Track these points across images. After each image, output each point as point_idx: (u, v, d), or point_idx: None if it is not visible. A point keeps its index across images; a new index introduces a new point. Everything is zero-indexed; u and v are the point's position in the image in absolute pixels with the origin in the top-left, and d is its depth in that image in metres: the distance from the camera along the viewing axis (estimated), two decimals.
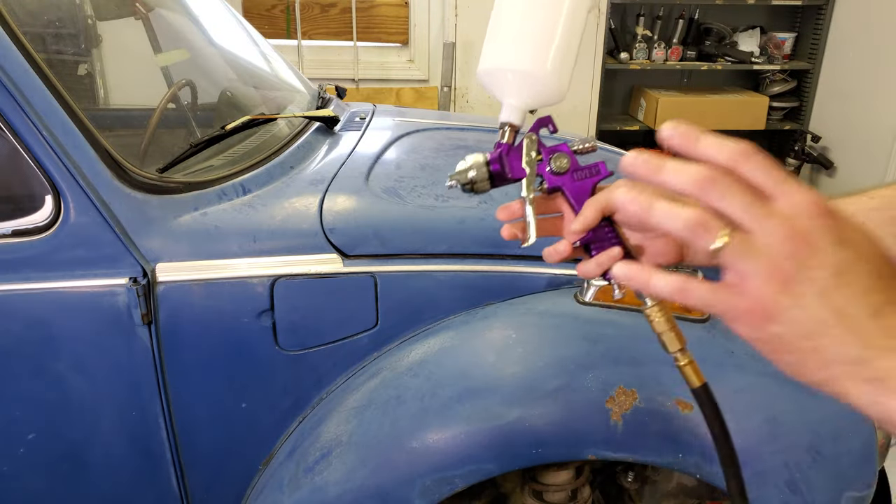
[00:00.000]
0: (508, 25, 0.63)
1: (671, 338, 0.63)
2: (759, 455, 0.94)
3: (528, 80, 0.62)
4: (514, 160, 0.65)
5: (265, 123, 1.28)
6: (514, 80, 0.63)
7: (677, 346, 0.63)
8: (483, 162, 0.65)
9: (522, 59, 0.62)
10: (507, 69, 0.62)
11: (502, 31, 0.63)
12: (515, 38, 0.62)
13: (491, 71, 0.63)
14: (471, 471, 0.91)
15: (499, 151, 0.65)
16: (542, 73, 0.62)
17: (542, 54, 0.61)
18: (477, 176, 0.65)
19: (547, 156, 0.64)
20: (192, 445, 1.06)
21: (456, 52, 3.12)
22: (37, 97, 0.91)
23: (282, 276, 1.00)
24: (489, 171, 0.65)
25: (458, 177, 0.66)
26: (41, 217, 0.94)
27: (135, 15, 1.52)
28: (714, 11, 3.42)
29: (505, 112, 0.65)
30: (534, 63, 0.61)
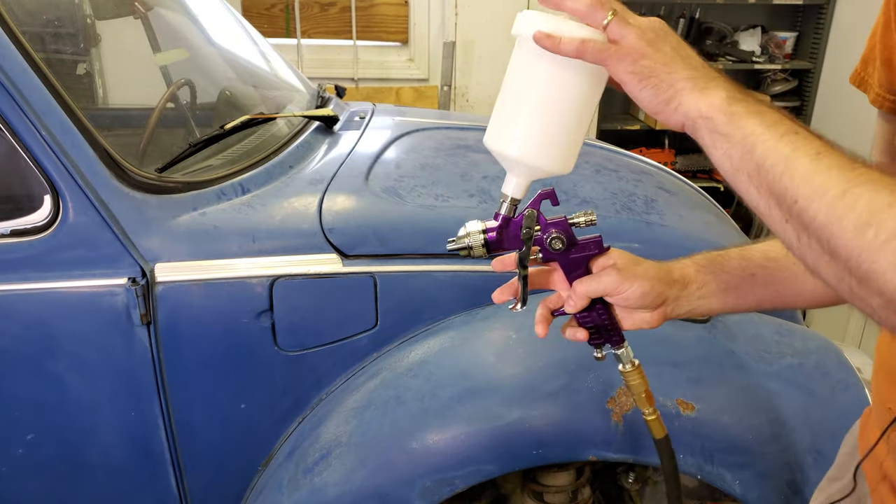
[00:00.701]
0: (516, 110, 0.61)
1: (643, 399, 0.73)
2: (761, 455, 0.93)
3: (532, 168, 0.63)
4: (512, 231, 0.67)
5: (264, 123, 1.27)
6: (519, 164, 0.63)
7: (647, 406, 0.74)
8: (480, 231, 0.67)
9: (529, 153, 0.61)
10: (511, 158, 0.62)
11: (510, 114, 0.61)
12: (514, 125, 0.61)
13: (497, 151, 0.63)
14: (471, 472, 0.91)
15: (498, 225, 0.67)
16: (544, 163, 0.61)
17: (549, 149, 0.60)
18: (473, 244, 0.68)
19: (545, 230, 0.67)
20: (191, 446, 1.05)
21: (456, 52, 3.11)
22: (35, 96, 0.90)
23: (281, 277, 0.99)
24: (486, 240, 0.67)
25: (455, 243, 0.69)
26: (40, 217, 0.94)
27: (134, 14, 1.51)
28: (715, 11, 3.42)
29: (507, 185, 0.66)
30: (540, 159, 0.61)
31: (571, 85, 0.59)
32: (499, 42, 3.06)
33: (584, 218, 0.67)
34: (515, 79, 0.61)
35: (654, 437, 0.75)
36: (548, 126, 0.60)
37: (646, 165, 1.53)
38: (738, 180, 0.51)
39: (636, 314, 0.69)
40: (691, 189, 1.51)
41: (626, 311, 0.69)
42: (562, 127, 0.60)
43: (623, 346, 0.71)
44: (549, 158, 0.61)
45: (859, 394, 0.98)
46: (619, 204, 1.22)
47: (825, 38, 3.30)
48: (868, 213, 0.42)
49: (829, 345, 1.05)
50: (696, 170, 3.52)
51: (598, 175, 1.34)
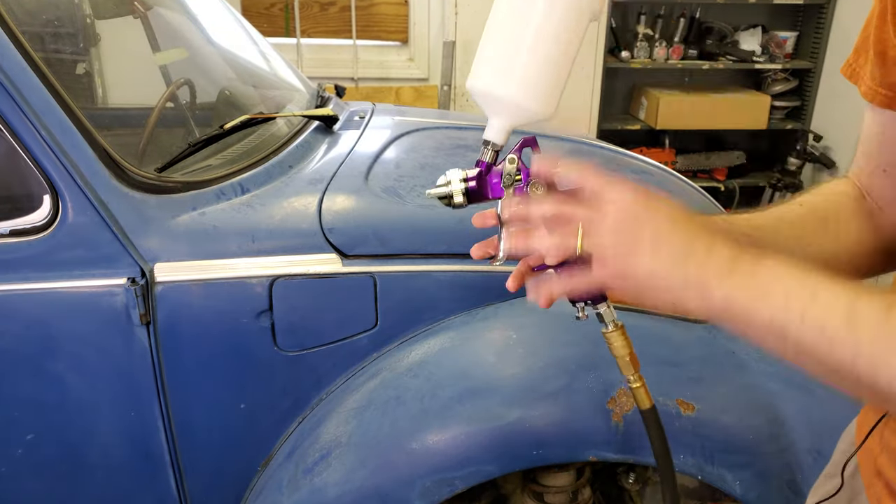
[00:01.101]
0: (497, 47, 0.61)
1: (627, 363, 0.69)
2: (761, 455, 0.93)
3: (513, 106, 0.62)
4: (493, 180, 0.65)
5: (264, 122, 1.27)
6: (500, 103, 0.62)
7: (632, 371, 0.70)
8: (461, 179, 0.65)
9: (508, 85, 0.61)
10: (492, 94, 0.62)
11: (491, 51, 0.62)
12: (502, 62, 0.61)
13: (477, 90, 0.63)
14: (471, 472, 0.91)
15: (478, 170, 0.65)
16: (526, 101, 0.61)
17: (531, 83, 0.60)
18: (454, 192, 0.66)
19: (526, 178, 0.64)
20: (190, 446, 1.05)
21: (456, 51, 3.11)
22: (35, 96, 0.90)
23: (281, 276, 0.99)
24: (466, 188, 0.66)
25: (435, 191, 0.67)
26: (39, 217, 0.94)
27: (133, 14, 1.51)
28: (715, 10, 3.42)
29: (489, 131, 0.65)
30: (519, 91, 0.60)
31: (557, 22, 0.59)
32: None
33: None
34: (499, 19, 0.61)
35: (640, 408, 0.72)
36: (533, 62, 0.60)
37: (646, 165, 1.53)
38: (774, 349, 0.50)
39: None
40: (692, 189, 1.51)
41: None
42: (547, 64, 0.60)
43: (605, 305, 0.68)
44: (535, 96, 0.61)
45: None
46: None
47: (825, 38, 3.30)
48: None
49: None
50: (697, 169, 3.52)
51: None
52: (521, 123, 0.64)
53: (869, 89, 0.61)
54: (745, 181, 3.53)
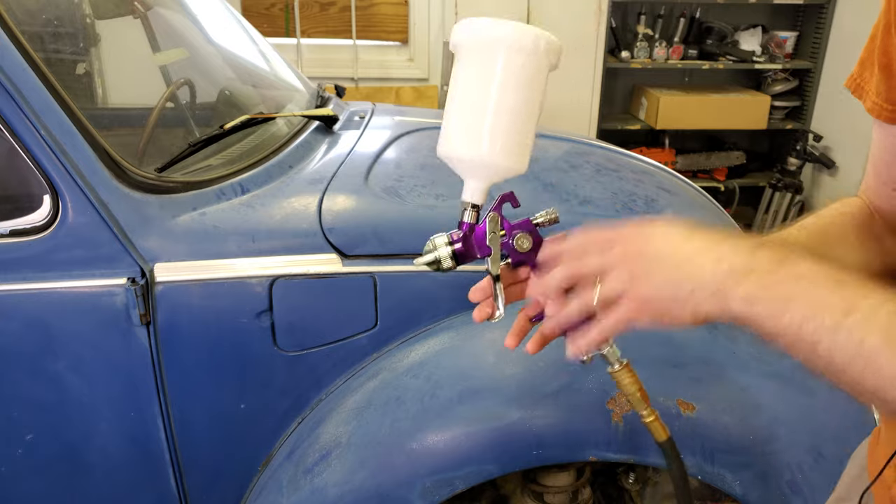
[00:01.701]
0: (461, 114, 0.63)
1: (638, 399, 0.70)
2: (761, 455, 0.93)
3: (485, 167, 0.63)
4: (478, 239, 0.67)
5: (264, 122, 1.27)
6: (471, 166, 0.64)
7: (643, 406, 0.71)
8: (446, 243, 0.67)
9: (477, 148, 0.62)
10: (463, 158, 0.63)
11: (456, 118, 0.63)
12: (468, 127, 0.62)
13: (448, 156, 0.65)
14: (471, 472, 0.91)
15: (462, 233, 0.67)
16: (497, 160, 0.62)
17: (497, 142, 0.62)
18: (441, 256, 0.68)
19: (510, 232, 0.66)
20: (190, 446, 1.05)
21: None
22: (35, 96, 0.90)
23: (281, 277, 0.99)
24: (453, 251, 0.67)
25: (423, 260, 0.69)
26: (39, 217, 0.94)
27: (133, 14, 1.51)
28: (715, 10, 3.42)
29: (466, 192, 0.66)
30: (488, 152, 0.62)
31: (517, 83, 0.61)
32: None
33: (545, 217, 0.68)
34: (460, 87, 0.63)
35: (657, 441, 0.72)
36: (499, 123, 0.62)
37: (646, 165, 1.52)
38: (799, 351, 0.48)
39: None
40: (692, 189, 1.51)
41: None
42: (513, 123, 0.62)
43: (608, 345, 0.69)
44: (504, 154, 0.63)
45: None
46: (620, 204, 1.21)
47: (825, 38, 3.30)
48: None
49: None
50: (697, 170, 3.52)
51: (598, 175, 1.33)
52: (496, 179, 0.65)
53: (874, 105, 0.59)
54: (744, 181, 3.53)
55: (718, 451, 0.93)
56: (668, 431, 0.72)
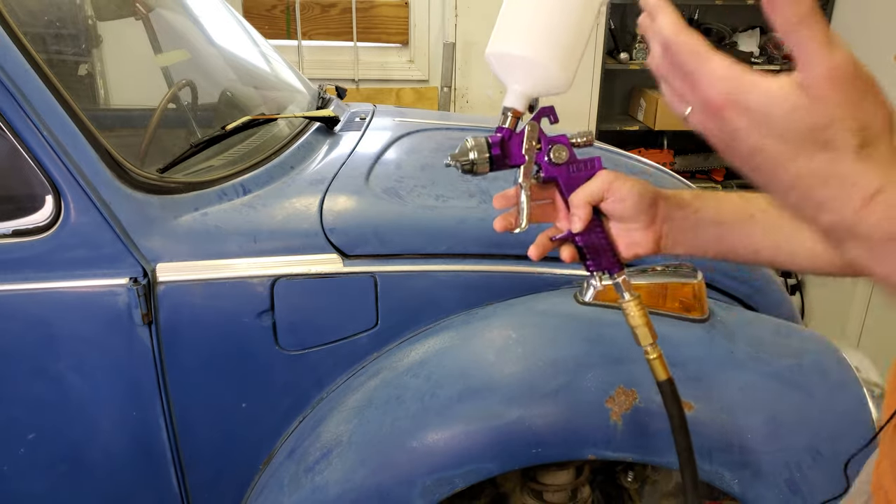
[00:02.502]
0: (520, 11, 0.62)
1: (644, 332, 0.69)
2: (759, 454, 0.94)
3: (535, 69, 0.62)
4: (514, 146, 0.66)
5: (265, 124, 1.28)
6: (521, 66, 0.63)
7: (650, 340, 0.69)
8: (484, 144, 0.65)
9: (531, 47, 0.61)
10: (516, 55, 0.62)
11: (514, 15, 0.63)
12: (526, 25, 0.62)
13: (499, 54, 0.63)
14: (471, 471, 0.91)
15: (500, 136, 0.65)
16: (549, 62, 0.61)
17: (550, 44, 0.61)
18: (478, 158, 0.65)
19: (546, 146, 0.65)
20: (192, 445, 1.06)
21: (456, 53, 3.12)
22: (37, 97, 0.91)
23: (282, 276, 1.00)
24: (490, 154, 0.65)
25: (458, 157, 0.66)
26: (42, 217, 0.95)
27: (135, 15, 1.52)
28: (713, 12, 3.42)
29: (510, 97, 0.65)
30: (542, 53, 0.61)
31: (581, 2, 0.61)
32: None
33: (581, 138, 0.67)
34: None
35: (657, 379, 0.71)
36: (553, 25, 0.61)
37: (644, 166, 1.53)
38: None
39: (630, 234, 0.66)
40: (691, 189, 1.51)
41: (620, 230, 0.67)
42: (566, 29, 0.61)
43: (623, 274, 0.69)
44: (554, 56, 0.61)
45: (858, 393, 0.98)
46: None
47: None
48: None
49: (827, 345, 1.06)
50: (695, 170, 3.52)
51: None
52: (541, 90, 0.64)
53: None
54: (743, 182, 3.53)
55: (717, 450, 0.93)
56: (669, 372, 0.71)
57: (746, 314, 1.12)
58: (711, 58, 0.45)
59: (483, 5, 3.10)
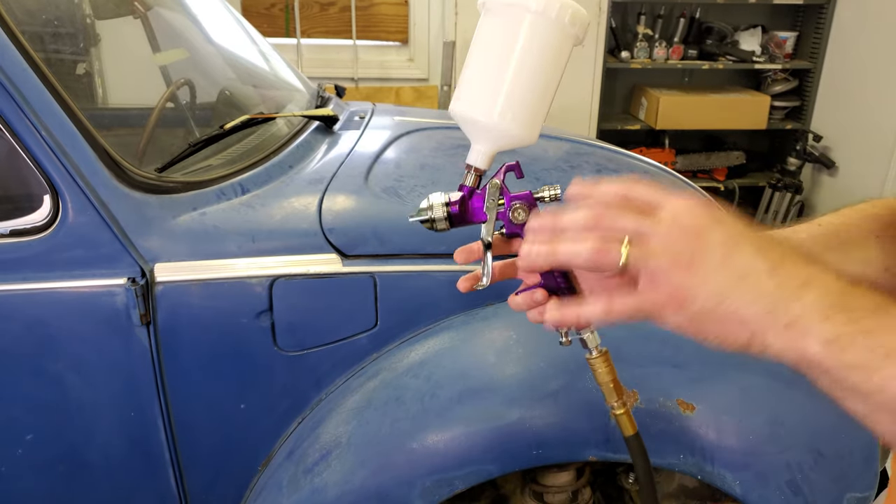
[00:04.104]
0: (479, 72, 0.62)
1: (610, 390, 0.68)
2: (761, 455, 0.93)
3: (499, 134, 0.62)
4: (476, 203, 0.65)
5: (264, 123, 1.27)
6: (483, 129, 0.62)
7: (615, 398, 0.68)
8: (443, 203, 0.65)
9: (494, 113, 0.61)
10: (475, 119, 0.62)
11: (473, 76, 0.62)
12: (485, 88, 0.61)
13: (459, 115, 0.63)
14: (471, 472, 0.91)
15: (461, 195, 0.65)
16: (512, 128, 0.61)
17: (514, 109, 0.60)
18: (436, 216, 0.66)
19: (509, 203, 0.64)
20: (190, 446, 1.05)
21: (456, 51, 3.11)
22: (35, 96, 0.90)
23: (281, 277, 0.99)
24: (448, 212, 0.65)
25: (417, 216, 0.66)
26: (39, 217, 0.94)
27: (133, 14, 1.51)
28: (715, 10, 3.42)
29: (472, 155, 0.65)
30: (506, 119, 0.61)
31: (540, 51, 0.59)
32: None
33: (548, 192, 0.64)
34: (482, 45, 0.61)
35: (624, 436, 0.69)
36: (516, 89, 0.60)
37: (646, 165, 1.53)
38: (880, 421, 0.40)
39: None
40: (691, 189, 1.51)
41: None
42: (531, 91, 0.60)
43: (588, 330, 0.66)
44: (517, 122, 0.61)
45: None
46: None
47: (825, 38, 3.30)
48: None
49: None
50: (697, 170, 3.52)
51: (598, 175, 1.34)
52: (505, 147, 0.64)
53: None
54: (744, 181, 3.53)
55: (718, 451, 0.93)
56: (636, 427, 0.69)
57: None
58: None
59: None
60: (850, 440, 0.95)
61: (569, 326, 0.55)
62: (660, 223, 0.44)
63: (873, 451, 0.96)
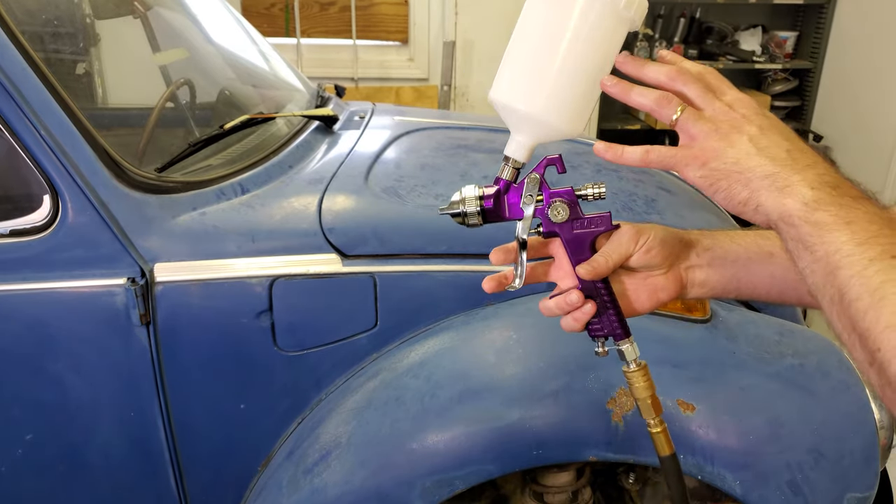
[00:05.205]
0: (524, 59, 0.56)
1: (647, 406, 0.64)
2: (761, 455, 0.93)
3: (543, 126, 0.57)
4: (512, 199, 0.60)
5: (264, 122, 1.27)
6: (526, 120, 0.57)
7: (653, 415, 0.65)
8: (476, 197, 0.60)
9: (535, 102, 0.55)
10: (517, 109, 0.56)
11: (517, 63, 0.56)
12: (530, 76, 0.55)
13: (501, 103, 0.58)
14: (471, 472, 0.91)
15: (496, 188, 0.60)
16: (558, 121, 0.56)
17: (561, 100, 0.55)
18: (468, 210, 0.60)
19: (548, 199, 0.59)
20: (190, 446, 1.05)
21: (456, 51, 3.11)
22: (35, 96, 0.90)
23: (280, 277, 0.99)
24: (482, 207, 0.60)
25: (449, 209, 0.61)
26: (39, 217, 0.94)
27: (133, 14, 1.51)
28: (715, 10, 3.41)
29: (511, 146, 0.59)
30: (552, 111, 0.55)
31: (590, 34, 0.54)
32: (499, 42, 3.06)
33: (592, 190, 0.60)
34: (528, 30, 0.56)
35: (659, 455, 0.65)
36: (564, 79, 0.55)
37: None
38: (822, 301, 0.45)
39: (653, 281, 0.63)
40: (692, 189, 1.51)
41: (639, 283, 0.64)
42: (579, 81, 0.55)
43: (628, 341, 0.63)
44: (564, 115, 0.56)
45: (860, 394, 0.97)
46: (620, 204, 1.21)
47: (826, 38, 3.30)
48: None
49: (829, 345, 1.05)
50: None
51: (598, 175, 1.33)
52: (547, 140, 0.59)
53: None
54: None
55: (718, 452, 0.93)
56: (673, 447, 0.66)
57: (748, 314, 1.11)
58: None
59: (483, 3, 3.09)
60: (850, 440, 0.95)
61: (615, 160, 0.54)
62: (716, 101, 0.53)
63: (873, 451, 0.96)
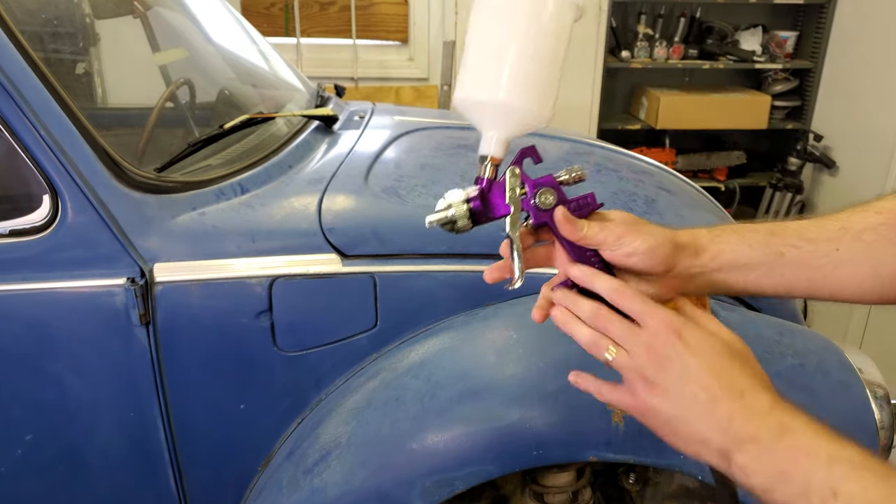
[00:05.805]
0: (483, 53, 0.57)
1: None
2: None
3: (511, 113, 0.57)
4: (496, 196, 0.60)
5: (263, 122, 1.27)
6: (494, 112, 0.58)
7: None
8: (462, 200, 0.60)
9: (504, 90, 0.56)
10: (482, 101, 0.57)
11: (479, 55, 0.58)
12: (486, 66, 0.57)
13: (467, 102, 0.59)
14: (471, 472, 0.91)
15: (479, 188, 0.60)
16: (525, 104, 0.57)
17: (524, 83, 0.56)
18: (457, 215, 0.60)
19: (532, 190, 0.60)
20: (190, 446, 1.05)
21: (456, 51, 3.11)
22: (34, 96, 0.90)
23: (280, 277, 0.99)
24: (470, 209, 0.60)
25: (436, 217, 0.61)
26: (39, 217, 0.94)
27: (133, 13, 1.51)
28: (716, 10, 3.41)
29: (484, 145, 0.60)
30: (516, 94, 0.56)
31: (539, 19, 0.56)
32: None
33: (570, 175, 0.61)
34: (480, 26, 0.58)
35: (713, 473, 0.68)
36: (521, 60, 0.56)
37: (646, 165, 1.52)
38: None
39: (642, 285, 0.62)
40: (692, 189, 1.51)
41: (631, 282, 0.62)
42: (536, 61, 0.56)
43: None
44: (528, 96, 0.56)
45: (861, 394, 0.97)
46: (620, 204, 1.21)
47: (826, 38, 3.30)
48: None
49: (830, 345, 1.05)
50: (697, 169, 3.51)
51: (598, 174, 1.33)
52: (518, 131, 0.59)
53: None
54: (745, 181, 3.52)
55: None
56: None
57: (749, 314, 1.11)
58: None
59: None
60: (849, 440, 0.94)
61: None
62: (637, 339, 0.54)
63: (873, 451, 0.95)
